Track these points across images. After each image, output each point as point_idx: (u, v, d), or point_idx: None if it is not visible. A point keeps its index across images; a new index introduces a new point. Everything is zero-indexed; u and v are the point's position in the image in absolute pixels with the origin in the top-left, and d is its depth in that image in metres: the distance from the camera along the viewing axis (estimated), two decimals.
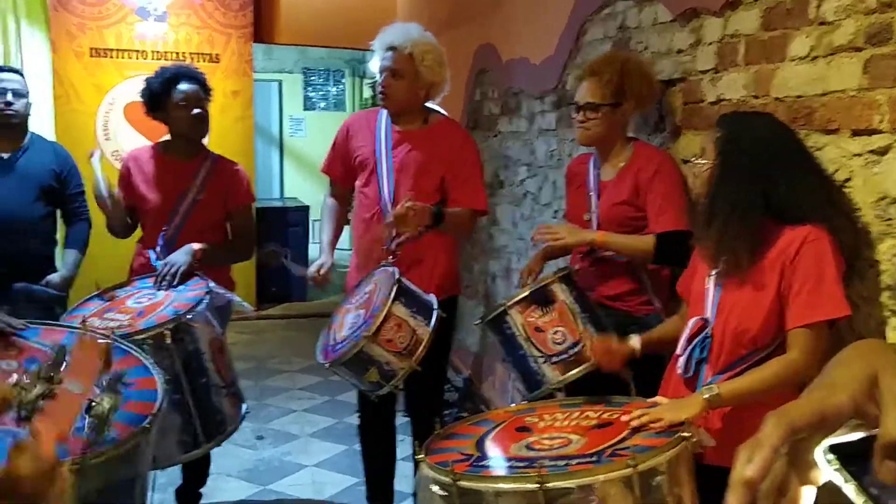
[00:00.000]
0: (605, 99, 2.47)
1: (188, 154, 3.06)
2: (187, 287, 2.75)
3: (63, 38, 6.01)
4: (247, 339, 6.12)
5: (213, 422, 2.53)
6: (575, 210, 2.69)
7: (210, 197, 3.02)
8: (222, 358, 2.65)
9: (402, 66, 2.83)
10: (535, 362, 2.38)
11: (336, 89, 10.41)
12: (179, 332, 2.44)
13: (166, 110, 3.00)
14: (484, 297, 4.71)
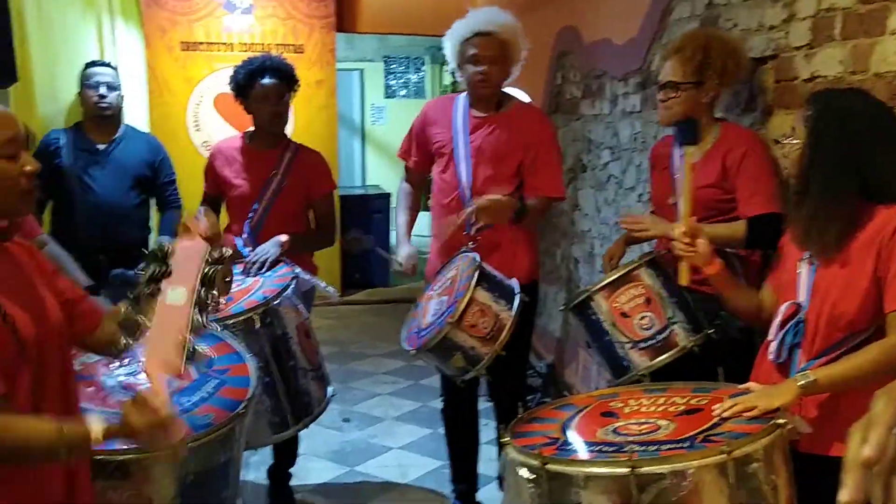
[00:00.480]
0: (686, 77, 2.41)
1: (271, 143, 3.13)
2: (275, 273, 2.82)
3: (155, 33, 6.22)
4: (331, 325, 6.24)
5: (301, 404, 2.61)
6: (659, 193, 2.64)
7: (293, 185, 3.08)
8: (309, 341, 2.72)
9: (500, 52, 2.83)
10: (622, 348, 2.37)
11: (416, 77, 10.46)
12: (268, 317, 2.52)
13: (249, 102, 3.08)
14: (566, 283, 4.68)
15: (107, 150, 3.56)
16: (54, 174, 3.42)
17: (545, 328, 4.97)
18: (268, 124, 3.09)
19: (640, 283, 2.37)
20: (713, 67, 2.39)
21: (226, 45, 6.33)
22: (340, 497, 3.46)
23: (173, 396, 2.00)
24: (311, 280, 2.93)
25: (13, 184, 1.48)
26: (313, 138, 6.58)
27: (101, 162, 3.53)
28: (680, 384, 1.98)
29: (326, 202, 3.20)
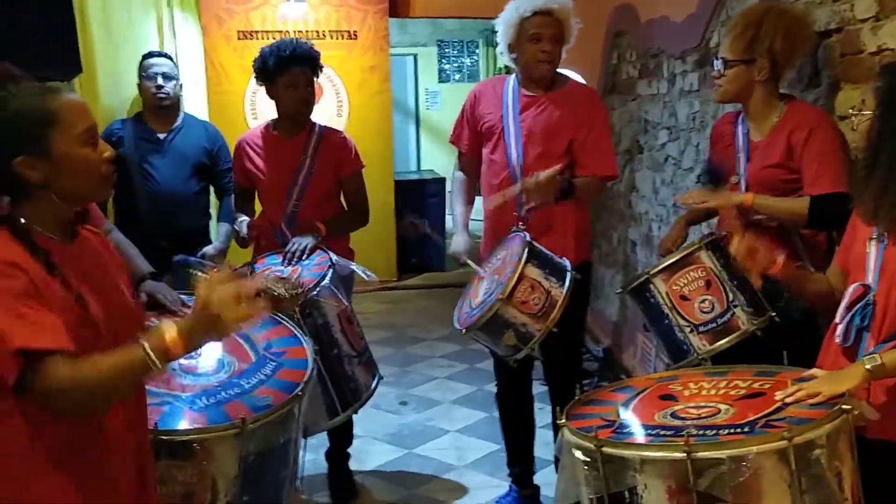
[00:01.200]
0: (735, 55, 2.34)
1: (296, 130, 3.13)
2: (312, 262, 2.82)
3: (213, 23, 6.31)
4: (388, 309, 6.29)
5: (348, 390, 2.62)
6: None
7: (322, 168, 3.09)
8: (351, 328, 2.73)
9: (560, 31, 2.80)
10: (681, 332, 2.33)
11: (470, 60, 10.42)
12: (307, 308, 2.53)
13: (276, 88, 3.06)
14: (623, 266, 4.62)
15: (166, 139, 3.63)
16: (117, 163, 3.49)
17: (602, 312, 4.92)
18: (296, 112, 3.09)
19: (700, 265, 2.33)
20: (764, 45, 2.30)
21: (281, 32, 6.38)
22: (398, 479, 3.49)
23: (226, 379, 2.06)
24: (349, 265, 2.93)
25: (97, 170, 1.54)
26: (367, 124, 6.65)
27: (161, 151, 3.61)
28: (742, 368, 1.94)
29: (355, 181, 3.20)
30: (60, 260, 1.49)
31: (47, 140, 1.47)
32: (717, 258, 2.32)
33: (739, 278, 2.28)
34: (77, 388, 1.39)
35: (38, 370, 1.36)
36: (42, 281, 1.43)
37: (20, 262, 1.41)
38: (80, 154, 1.51)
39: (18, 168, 1.46)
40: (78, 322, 1.47)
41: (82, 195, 1.57)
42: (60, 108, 1.50)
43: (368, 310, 6.19)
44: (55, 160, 1.48)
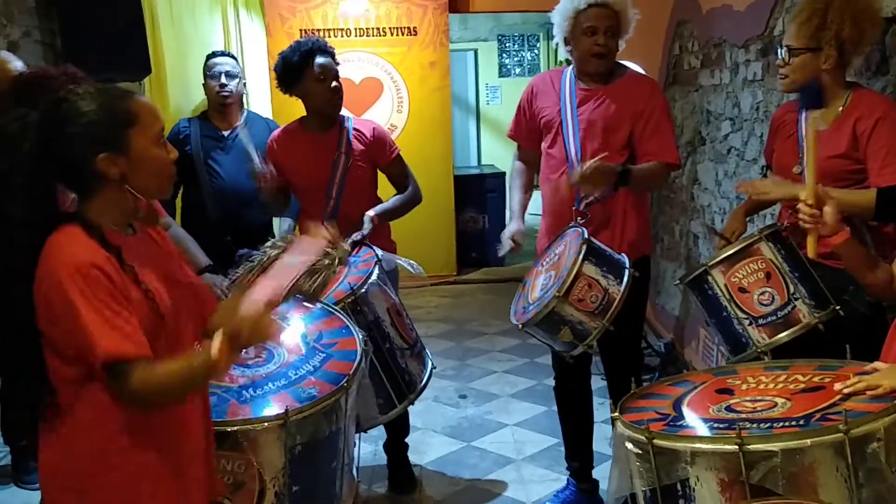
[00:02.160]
0: (801, 42, 2.28)
1: (328, 125, 3.13)
2: (358, 258, 2.83)
3: (276, 22, 6.43)
4: (447, 303, 6.33)
5: (403, 382, 2.64)
6: (784, 162, 2.50)
7: (358, 160, 3.10)
8: (401, 320, 2.74)
9: (616, 23, 2.77)
10: (740, 324, 2.29)
11: (531, 55, 10.37)
12: (357, 305, 2.54)
13: (304, 84, 3.05)
14: (686, 259, 4.55)
15: (230, 136, 3.73)
16: (184, 161, 3.58)
17: (663, 306, 4.86)
18: (328, 104, 3.07)
19: (759, 256, 2.29)
20: (830, 32, 2.24)
21: (342, 30, 6.47)
22: (457, 472, 3.51)
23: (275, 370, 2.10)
24: (395, 259, 2.92)
25: (167, 170, 1.63)
26: (427, 120, 6.69)
27: (225, 148, 3.71)
28: (804, 362, 1.89)
29: (397, 165, 3.20)
30: (129, 254, 1.56)
31: (128, 139, 1.55)
32: (777, 249, 2.27)
33: (802, 270, 2.24)
34: (151, 392, 1.48)
35: (119, 374, 1.46)
36: (118, 278, 1.50)
37: (99, 261, 1.48)
38: (154, 153, 1.59)
39: (100, 164, 1.53)
40: (147, 315, 1.54)
41: (150, 192, 1.65)
42: (139, 110, 1.58)
43: (428, 304, 6.24)
44: (133, 158, 1.55)
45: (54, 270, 1.47)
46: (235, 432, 1.86)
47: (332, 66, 3.07)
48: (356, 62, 6.43)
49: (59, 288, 1.45)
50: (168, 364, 1.50)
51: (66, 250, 1.49)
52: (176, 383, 1.50)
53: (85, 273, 1.46)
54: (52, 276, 1.47)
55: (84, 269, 1.46)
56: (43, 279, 1.48)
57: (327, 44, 3.12)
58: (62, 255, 1.48)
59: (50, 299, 1.47)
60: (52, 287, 1.46)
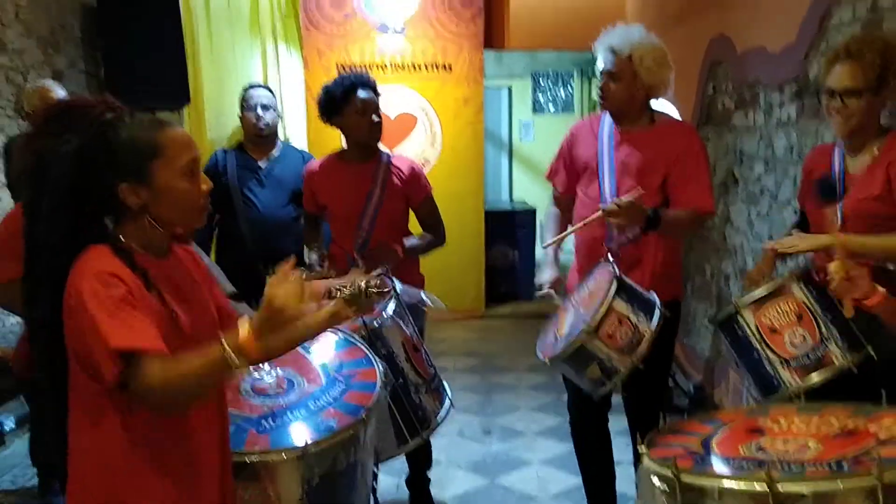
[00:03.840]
0: (867, 83, 2.26)
1: (365, 157, 3.19)
2: None
3: (314, 56, 6.55)
4: (475, 337, 6.31)
5: (416, 418, 2.59)
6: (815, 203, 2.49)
7: (392, 195, 3.15)
8: (418, 356, 2.70)
9: (620, 69, 2.78)
10: (771, 365, 2.25)
11: (565, 92, 10.41)
12: (370, 339, 2.51)
13: (345, 117, 3.13)
14: (716, 300, 4.51)
15: (266, 168, 3.79)
16: (221, 191, 3.67)
17: (693, 347, 4.80)
18: (368, 136, 3.15)
19: (791, 297, 2.26)
20: (890, 74, 2.24)
21: (378, 65, 6.57)
22: None
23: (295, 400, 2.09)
24: (415, 293, 2.89)
25: (195, 202, 1.64)
26: (460, 155, 6.74)
27: (260, 179, 3.77)
28: (838, 405, 1.85)
29: (427, 205, 3.25)
30: (156, 277, 1.58)
31: (150, 170, 1.56)
32: (809, 291, 2.24)
33: (834, 311, 2.20)
34: (168, 385, 1.46)
35: (135, 369, 1.45)
36: (139, 292, 1.52)
37: (120, 273, 1.51)
38: (179, 186, 1.59)
39: (122, 193, 1.56)
40: (170, 335, 1.55)
41: (176, 223, 1.65)
42: (167, 141, 1.59)
43: (456, 337, 6.23)
44: (156, 189, 1.57)
45: (75, 281, 1.50)
46: (253, 463, 1.86)
47: (373, 100, 3.14)
48: (391, 97, 6.52)
49: (79, 296, 1.47)
50: (189, 356, 1.47)
51: (90, 263, 1.52)
52: (192, 376, 1.46)
53: (102, 279, 1.48)
54: (73, 286, 1.50)
55: (102, 275, 1.48)
56: (69, 294, 1.51)
57: (370, 78, 3.20)
58: (85, 268, 1.51)
59: (70, 306, 1.49)
60: (72, 295, 1.49)
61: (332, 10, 6.53)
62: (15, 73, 4.36)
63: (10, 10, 4.38)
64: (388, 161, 3.21)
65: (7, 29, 4.33)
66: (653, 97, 2.88)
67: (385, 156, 3.23)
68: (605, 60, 2.81)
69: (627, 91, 2.79)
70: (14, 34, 4.39)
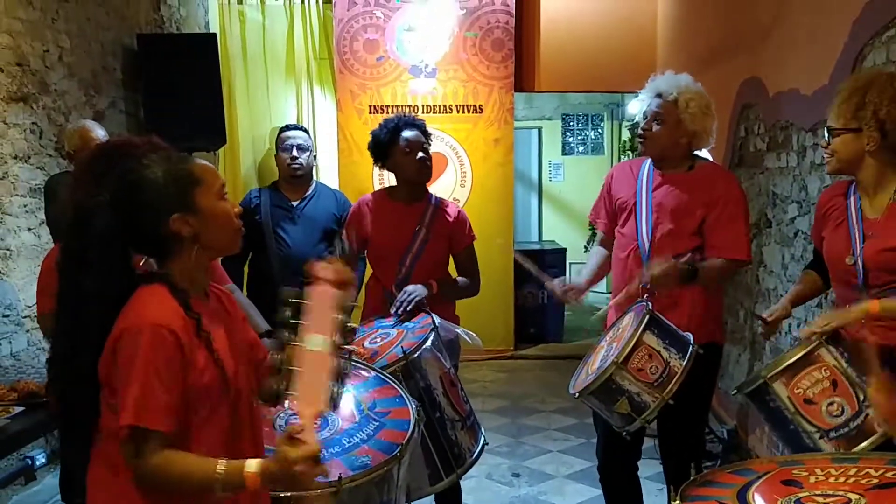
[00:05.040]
0: (841, 123, 2.22)
1: (413, 198, 3.23)
2: (416, 325, 2.86)
3: (347, 98, 6.65)
4: (504, 378, 6.26)
5: (452, 455, 2.59)
6: (835, 252, 2.38)
7: (436, 238, 3.17)
8: (455, 391, 2.71)
9: (665, 112, 2.79)
10: (810, 438, 2.13)
11: (594, 133, 10.45)
12: (409, 370, 2.53)
13: (393, 157, 3.19)
14: (751, 344, 4.44)
15: (299, 207, 3.84)
16: (254, 229, 3.72)
17: (727, 391, 4.72)
18: (416, 174, 3.18)
19: (822, 364, 2.15)
20: (869, 112, 2.17)
21: (410, 107, 6.65)
22: None
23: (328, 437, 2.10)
24: (453, 328, 2.93)
25: (234, 223, 1.69)
26: (490, 194, 6.77)
27: (293, 217, 3.82)
28: (875, 455, 1.81)
29: (468, 254, 3.27)
30: (205, 321, 1.61)
31: (194, 197, 1.62)
32: (840, 353, 2.14)
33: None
34: (156, 474, 1.51)
35: (137, 444, 1.50)
36: (189, 346, 1.55)
37: (177, 328, 1.53)
38: (221, 207, 1.66)
39: (174, 225, 1.60)
40: (214, 382, 1.58)
41: (222, 246, 1.71)
42: (199, 169, 1.66)
43: (484, 378, 6.19)
44: (202, 215, 1.62)
45: (132, 324, 1.52)
46: (288, 498, 1.85)
47: (418, 138, 3.19)
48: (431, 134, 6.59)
49: (134, 345, 1.50)
50: (188, 459, 1.52)
51: (150, 307, 1.55)
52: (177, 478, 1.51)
53: (159, 337, 1.51)
54: (129, 326, 1.52)
55: (159, 331, 1.51)
56: (122, 329, 1.53)
57: (417, 119, 3.26)
58: (145, 309, 1.54)
59: (119, 347, 1.52)
60: (126, 334, 1.52)
61: (365, 54, 6.64)
62: (57, 114, 4.48)
63: (55, 52, 4.51)
64: (437, 204, 3.26)
65: (51, 71, 4.46)
66: (696, 147, 2.87)
67: (434, 199, 3.28)
68: (652, 103, 2.82)
69: (671, 136, 2.80)
70: (57, 76, 4.52)
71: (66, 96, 4.60)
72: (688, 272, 2.63)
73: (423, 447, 2.51)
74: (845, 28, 3.19)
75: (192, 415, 1.57)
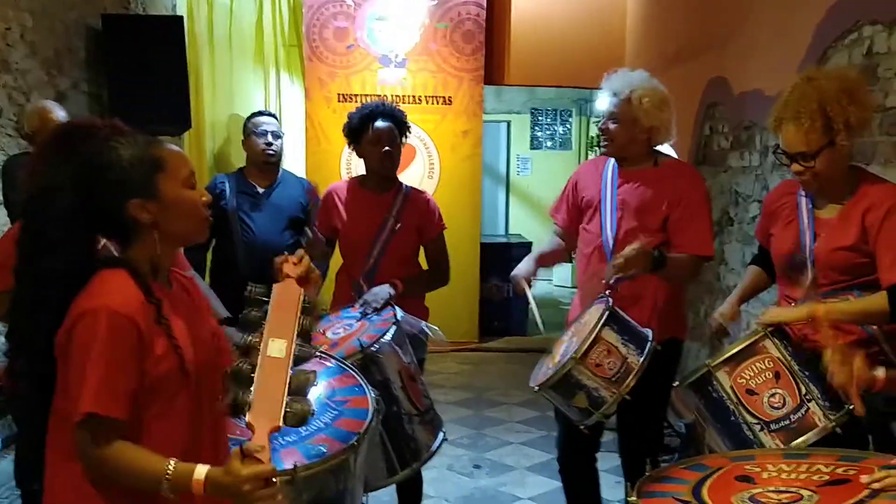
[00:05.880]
0: (817, 144, 2.18)
1: (383, 187, 3.22)
2: (379, 318, 2.84)
3: (315, 86, 6.60)
4: (468, 370, 6.28)
5: (408, 449, 2.58)
6: (783, 250, 2.41)
7: (405, 228, 3.16)
8: (415, 386, 2.69)
9: (621, 111, 2.81)
10: (750, 430, 2.14)
11: (563, 129, 10.50)
12: (365, 363, 2.51)
13: (362, 145, 3.17)
14: (710, 340, 4.50)
15: (265, 194, 3.80)
16: (219, 216, 3.66)
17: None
18: (379, 166, 3.17)
19: (766, 355, 2.16)
20: (839, 123, 2.17)
21: (379, 96, 6.62)
22: None
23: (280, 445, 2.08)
24: (416, 323, 2.91)
25: (200, 212, 1.66)
26: (457, 187, 6.77)
27: (259, 204, 3.77)
28: (824, 451, 1.84)
29: (438, 244, 3.25)
30: (166, 308, 1.58)
31: (156, 184, 1.58)
32: (784, 346, 2.16)
33: (811, 368, 2.13)
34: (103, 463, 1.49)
35: (91, 431, 1.47)
36: (148, 333, 1.52)
37: (136, 315, 1.51)
38: (185, 196, 1.62)
39: (131, 210, 1.56)
40: (172, 370, 1.55)
41: (185, 235, 1.67)
42: (166, 155, 1.62)
43: (448, 370, 6.20)
44: (164, 202, 1.58)
45: (91, 306, 1.49)
46: None
47: (390, 131, 3.15)
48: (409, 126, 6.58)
49: (90, 334, 1.47)
50: (139, 454, 1.49)
51: (109, 292, 1.52)
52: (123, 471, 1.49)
53: (117, 326, 1.48)
54: (86, 310, 1.49)
55: (118, 320, 1.48)
56: (79, 313, 1.50)
57: (395, 109, 3.22)
58: (104, 294, 1.51)
59: (75, 330, 1.49)
60: (83, 318, 1.49)
61: (335, 42, 6.59)
62: (18, 94, 4.38)
63: (17, 30, 4.41)
64: (407, 194, 3.24)
65: (12, 49, 4.36)
66: (655, 143, 2.90)
67: (406, 188, 3.26)
68: (609, 103, 2.85)
69: (627, 133, 2.82)
70: (19, 55, 4.42)
71: (27, 75, 4.50)
72: (656, 258, 2.65)
73: (379, 441, 2.49)
74: (809, 30, 3.25)
75: (150, 404, 1.55)
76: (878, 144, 2.71)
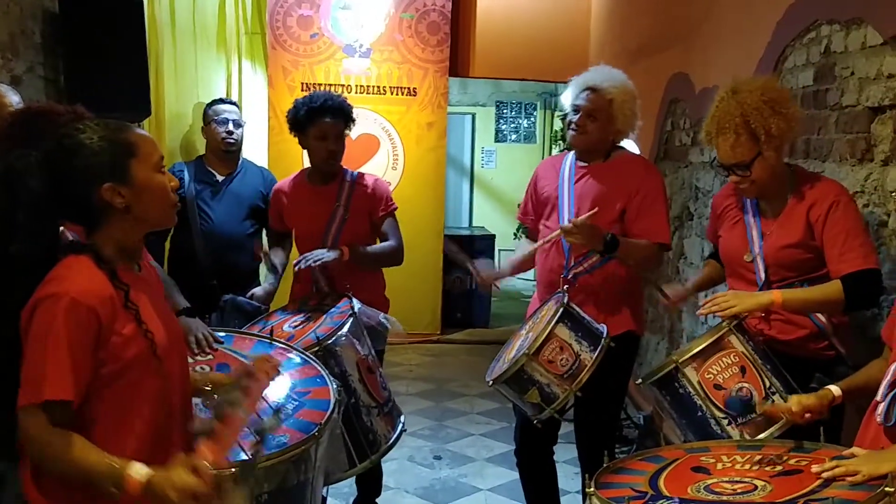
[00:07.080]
0: (747, 156, 2.27)
1: (330, 177, 3.21)
2: (336, 310, 2.84)
3: (279, 74, 6.53)
4: (429, 362, 6.29)
5: (367, 441, 2.59)
6: (732, 249, 2.48)
7: (355, 214, 3.16)
8: (373, 378, 2.69)
9: (600, 109, 2.82)
10: (718, 424, 2.17)
11: (527, 122, 10.53)
12: (323, 356, 2.51)
13: (305, 138, 3.15)
14: (668, 333, 4.56)
15: (225, 182, 3.75)
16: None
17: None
18: (324, 163, 3.17)
19: (732, 350, 2.19)
20: (762, 134, 2.25)
21: (344, 86, 6.58)
22: None
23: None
24: (374, 314, 2.91)
25: (170, 197, 1.66)
26: (421, 178, 6.76)
27: (218, 192, 3.73)
28: (777, 442, 1.89)
29: (388, 222, 3.24)
30: (134, 293, 1.57)
31: (129, 168, 1.58)
32: (746, 341, 2.21)
33: (771, 362, 2.21)
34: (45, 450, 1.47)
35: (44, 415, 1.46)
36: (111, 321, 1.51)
37: (97, 303, 1.49)
38: (157, 180, 1.62)
39: (105, 194, 1.55)
40: (142, 355, 1.55)
41: (156, 219, 1.67)
42: (138, 140, 1.61)
43: (410, 361, 6.20)
44: (137, 187, 1.58)
45: (53, 292, 1.48)
46: None
47: (335, 126, 3.12)
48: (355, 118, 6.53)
49: (49, 311, 1.46)
50: (89, 449, 1.47)
51: (72, 278, 1.51)
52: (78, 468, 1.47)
53: (77, 316, 1.47)
54: (47, 295, 1.48)
55: (79, 310, 1.47)
56: (40, 298, 1.48)
57: (342, 102, 3.17)
58: (66, 280, 1.50)
59: (35, 315, 1.48)
60: (43, 304, 1.48)
61: (298, 30, 6.53)
62: None
63: None
64: (353, 180, 3.22)
65: None
66: (617, 141, 2.95)
67: (350, 174, 3.24)
68: (585, 97, 2.83)
69: (602, 131, 2.85)
70: None
71: None
72: (608, 241, 2.67)
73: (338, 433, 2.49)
74: (769, 28, 3.29)
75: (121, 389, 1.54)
76: (834, 142, 2.76)
